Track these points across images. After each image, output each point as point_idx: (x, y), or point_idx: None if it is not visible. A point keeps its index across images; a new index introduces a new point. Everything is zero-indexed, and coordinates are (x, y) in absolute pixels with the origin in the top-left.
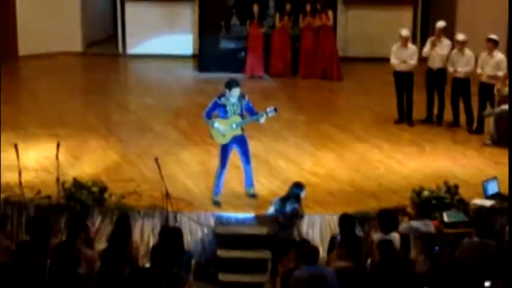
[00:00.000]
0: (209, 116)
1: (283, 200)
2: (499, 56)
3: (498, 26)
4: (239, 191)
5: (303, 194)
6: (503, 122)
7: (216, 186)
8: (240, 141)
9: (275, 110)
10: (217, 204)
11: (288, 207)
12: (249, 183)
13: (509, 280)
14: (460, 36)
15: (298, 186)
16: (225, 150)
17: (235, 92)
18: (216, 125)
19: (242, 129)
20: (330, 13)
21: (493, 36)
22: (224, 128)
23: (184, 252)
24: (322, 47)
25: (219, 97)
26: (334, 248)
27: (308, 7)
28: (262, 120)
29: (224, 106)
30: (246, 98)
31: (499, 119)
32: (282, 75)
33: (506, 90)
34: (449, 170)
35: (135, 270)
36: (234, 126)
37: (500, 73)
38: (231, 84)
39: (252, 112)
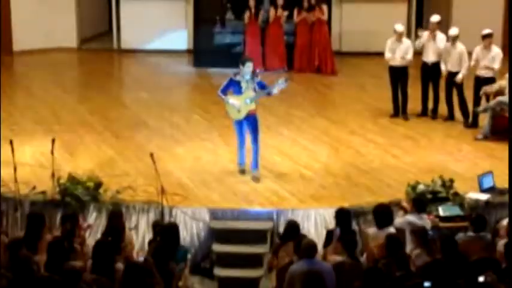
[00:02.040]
0: (224, 93)
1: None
2: (496, 50)
3: (493, 20)
4: (235, 187)
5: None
6: (499, 115)
7: (239, 157)
8: (252, 121)
9: (286, 81)
10: (241, 172)
11: None
12: (254, 165)
13: (507, 274)
14: (452, 31)
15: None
16: (239, 127)
17: (248, 67)
18: (231, 101)
19: (255, 105)
20: (324, 7)
21: (488, 31)
22: (239, 103)
23: (180, 247)
24: (316, 41)
25: (234, 74)
26: (332, 242)
27: (305, 3)
28: (275, 91)
29: (239, 83)
30: (259, 77)
31: (495, 113)
32: (277, 69)
33: (494, 88)
34: (445, 164)
35: (128, 264)
36: (248, 101)
37: (496, 66)
38: (243, 60)
39: (265, 88)
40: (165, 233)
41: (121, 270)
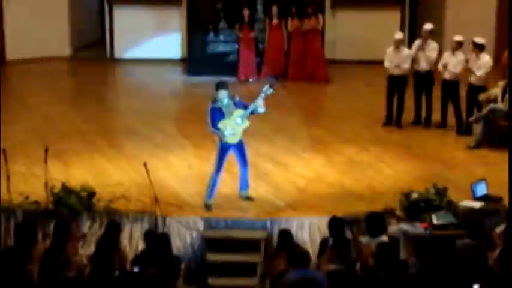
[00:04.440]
0: (216, 126)
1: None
2: (485, 58)
3: (486, 28)
4: (228, 195)
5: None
6: (492, 123)
7: (210, 189)
8: (239, 145)
9: (271, 86)
10: (208, 207)
11: None
12: (245, 185)
13: (501, 282)
14: (457, 37)
15: (287, 234)
16: (223, 153)
17: (222, 93)
18: (227, 133)
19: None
20: (320, 17)
21: (478, 41)
22: (231, 128)
23: (173, 257)
24: (309, 49)
25: (212, 102)
26: (325, 251)
27: (293, 9)
28: (260, 110)
29: (220, 109)
30: (237, 97)
31: (488, 121)
32: (275, 76)
33: (486, 95)
34: (438, 172)
35: (123, 274)
36: (240, 120)
37: (479, 73)
38: (217, 87)
39: (247, 107)
40: (156, 243)
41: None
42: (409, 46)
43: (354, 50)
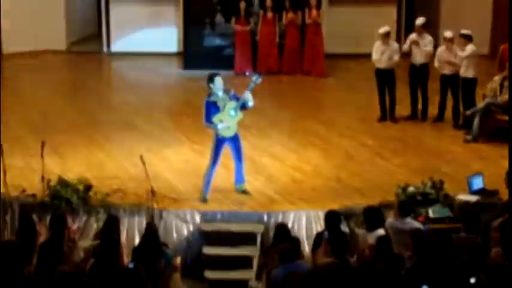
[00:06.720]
0: (210, 120)
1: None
2: (470, 46)
3: (482, 21)
4: (224, 188)
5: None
6: (489, 117)
7: (206, 183)
8: (234, 139)
9: (259, 75)
10: (205, 201)
11: None
12: (240, 179)
13: (498, 276)
14: (448, 34)
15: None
16: (218, 146)
17: (218, 82)
18: (220, 126)
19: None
20: (321, 10)
21: (465, 32)
22: (226, 121)
23: (164, 252)
24: (310, 43)
25: (208, 96)
26: (321, 245)
27: (287, 3)
28: (250, 104)
29: (215, 103)
30: (232, 90)
31: (484, 115)
32: (270, 71)
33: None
34: (435, 166)
35: (119, 270)
36: (233, 113)
37: (464, 54)
38: (212, 76)
39: (238, 99)
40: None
41: None
42: (405, 40)
43: (350, 43)
